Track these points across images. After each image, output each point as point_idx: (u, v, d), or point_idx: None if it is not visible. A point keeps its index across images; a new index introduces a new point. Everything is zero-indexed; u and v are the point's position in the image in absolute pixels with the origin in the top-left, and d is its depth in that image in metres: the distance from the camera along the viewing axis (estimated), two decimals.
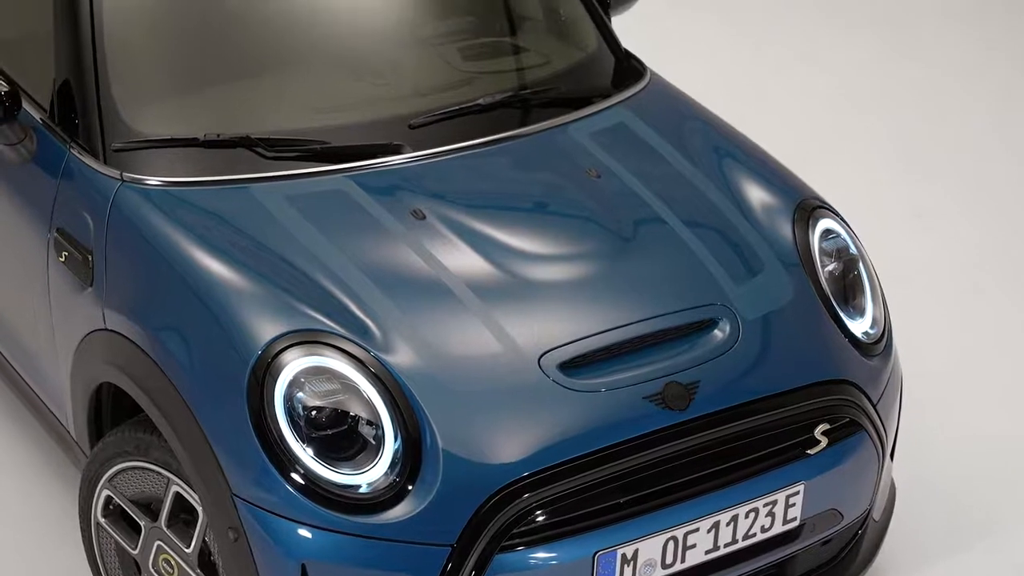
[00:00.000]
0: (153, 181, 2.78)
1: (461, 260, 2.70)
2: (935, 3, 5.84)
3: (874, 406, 2.82)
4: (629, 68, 3.26)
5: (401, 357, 2.55)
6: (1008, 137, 4.96)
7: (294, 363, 2.50)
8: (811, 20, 5.68)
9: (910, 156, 4.85)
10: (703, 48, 5.41)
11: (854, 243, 3.01)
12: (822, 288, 2.88)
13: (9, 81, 2.85)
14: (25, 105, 2.93)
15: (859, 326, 2.90)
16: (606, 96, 3.14)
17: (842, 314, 2.88)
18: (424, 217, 2.76)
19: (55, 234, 2.86)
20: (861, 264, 2.99)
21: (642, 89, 3.19)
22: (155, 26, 2.99)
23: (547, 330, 2.63)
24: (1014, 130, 5.01)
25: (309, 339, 2.52)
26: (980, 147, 4.92)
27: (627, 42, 3.37)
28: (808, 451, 2.69)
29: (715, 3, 5.74)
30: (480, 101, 2.99)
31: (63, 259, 2.84)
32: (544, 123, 3.02)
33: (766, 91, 5.16)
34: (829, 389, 2.74)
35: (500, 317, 2.62)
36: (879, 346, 2.91)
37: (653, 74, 3.27)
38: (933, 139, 4.95)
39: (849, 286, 2.95)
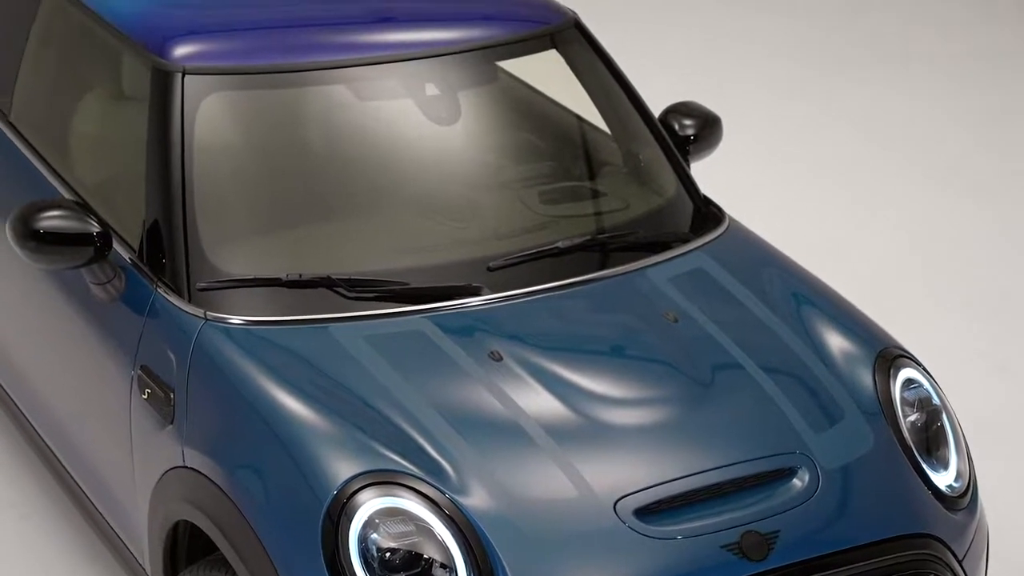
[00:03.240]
0: (236, 320, 2.82)
1: (538, 402, 2.69)
2: (1014, 150, 5.83)
3: (959, 562, 2.75)
4: (708, 213, 3.28)
5: (476, 499, 2.53)
6: None
7: (369, 504, 2.50)
8: (886, 167, 5.69)
9: (993, 306, 4.79)
10: (781, 194, 5.42)
11: (937, 393, 2.97)
12: (904, 439, 2.84)
13: (101, 222, 2.93)
14: (115, 245, 3.01)
15: (943, 479, 2.85)
16: (685, 241, 3.15)
17: (925, 466, 2.83)
18: (501, 359, 2.76)
19: (139, 371, 2.91)
20: (944, 415, 2.94)
21: (721, 234, 3.20)
22: (241, 170, 3.06)
23: (623, 475, 2.61)
24: None
25: (385, 480, 2.52)
26: None
27: (705, 187, 3.40)
28: None
29: (793, 152, 5.77)
30: (559, 244, 3.01)
31: (146, 396, 2.88)
32: (622, 267, 3.03)
33: (844, 237, 5.15)
34: (912, 543, 2.68)
35: (576, 461, 2.61)
36: (964, 500, 2.84)
37: (731, 220, 3.28)
38: (1016, 290, 4.89)
39: (932, 437, 2.90)
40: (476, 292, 2.90)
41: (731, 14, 7.12)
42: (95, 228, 2.90)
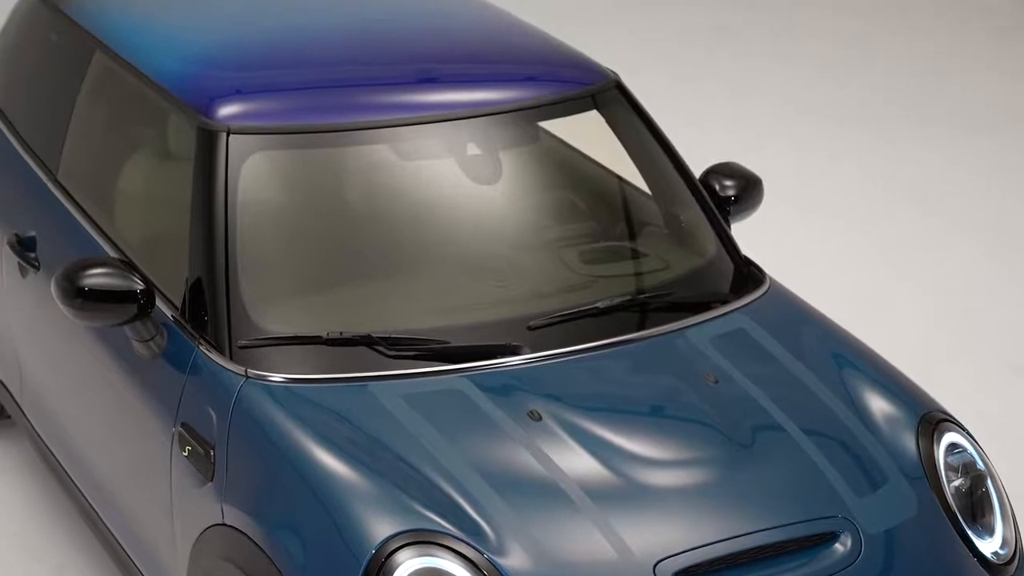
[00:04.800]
0: (276, 378, 2.83)
1: (577, 463, 2.68)
2: None
3: None
4: (748, 274, 3.27)
5: (514, 560, 2.52)
6: None
7: (407, 564, 2.49)
8: (927, 224, 5.66)
9: None
10: (823, 255, 5.41)
11: (981, 458, 2.94)
12: (948, 504, 2.81)
13: (144, 279, 2.96)
14: (158, 302, 3.03)
15: (988, 546, 2.81)
16: (725, 302, 3.14)
17: (970, 532, 2.80)
18: (540, 418, 2.76)
19: (180, 428, 2.92)
20: (990, 481, 2.90)
21: (761, 295, 3.19)
22: (283, 228, 3.09)
23: (663, 537, 2.59)
24: None
25: (423, 539, 2.52)
26: None
27: (747, 248, 3.39)
28: None
29: (837, 211, 5.76)
30: (599, 304, 3.01)
31: (186, 453, 2.89)
32: (663, 327, 3.03)
33: (885, 299, 5.12)
34: None
35: (615, 522, 2.59)
36: (1010, 568, 2.80)
37: (772, 281, 3.28)
38: None
39: (977, 503, 2.86)
40: (516, 351, 2.90)
41: (765, 72, 7.14)
42: (139, 286, 2.92)
